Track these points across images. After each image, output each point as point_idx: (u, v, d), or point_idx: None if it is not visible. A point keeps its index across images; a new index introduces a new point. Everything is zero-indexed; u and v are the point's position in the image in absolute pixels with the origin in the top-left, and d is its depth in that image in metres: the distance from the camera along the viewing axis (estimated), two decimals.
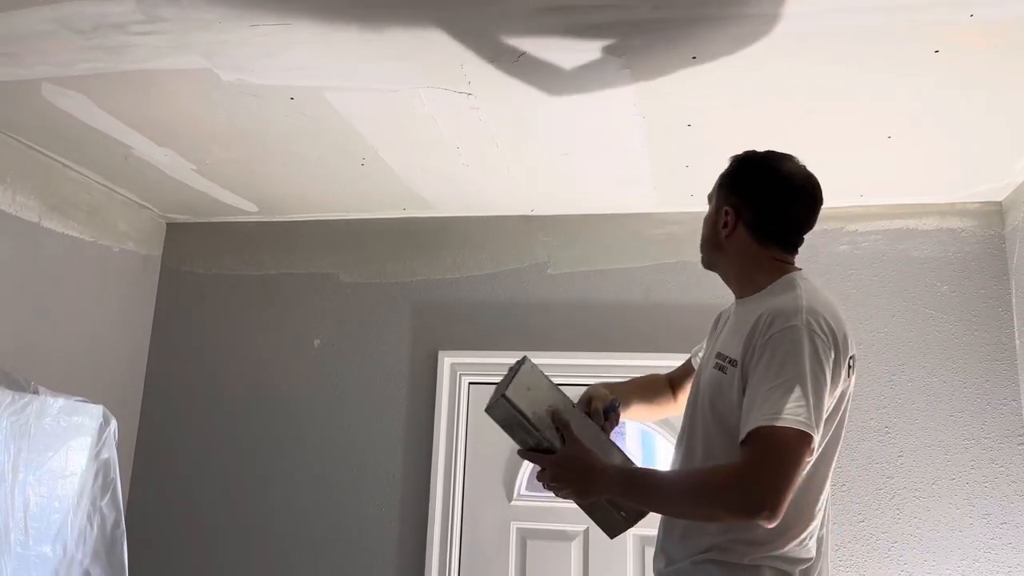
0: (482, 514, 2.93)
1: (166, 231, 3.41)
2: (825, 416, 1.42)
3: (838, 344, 1.45)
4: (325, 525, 3.00)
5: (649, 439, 3.22)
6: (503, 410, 1.56)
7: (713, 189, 1.70)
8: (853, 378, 1.53)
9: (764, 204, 1.58)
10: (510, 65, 1.97)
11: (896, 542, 2.62)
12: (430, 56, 1.95)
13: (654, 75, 2.00)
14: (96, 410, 2.00)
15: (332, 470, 3.04)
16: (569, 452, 1.55)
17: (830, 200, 2.77)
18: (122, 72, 2.10)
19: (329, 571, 2.96)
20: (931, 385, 2.70)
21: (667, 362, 2.85)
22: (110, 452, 1.99)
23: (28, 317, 2.68)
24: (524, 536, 2.89)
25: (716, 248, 1.64)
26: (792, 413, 1.34)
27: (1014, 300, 2.68)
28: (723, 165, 2.59)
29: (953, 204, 2.80)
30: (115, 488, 1.98)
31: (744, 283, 1.60)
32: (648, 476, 1.60)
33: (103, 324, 3.04)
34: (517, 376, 1.57)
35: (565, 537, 2.85)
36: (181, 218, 3.37)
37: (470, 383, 3.06)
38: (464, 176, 2.74)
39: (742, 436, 1.39)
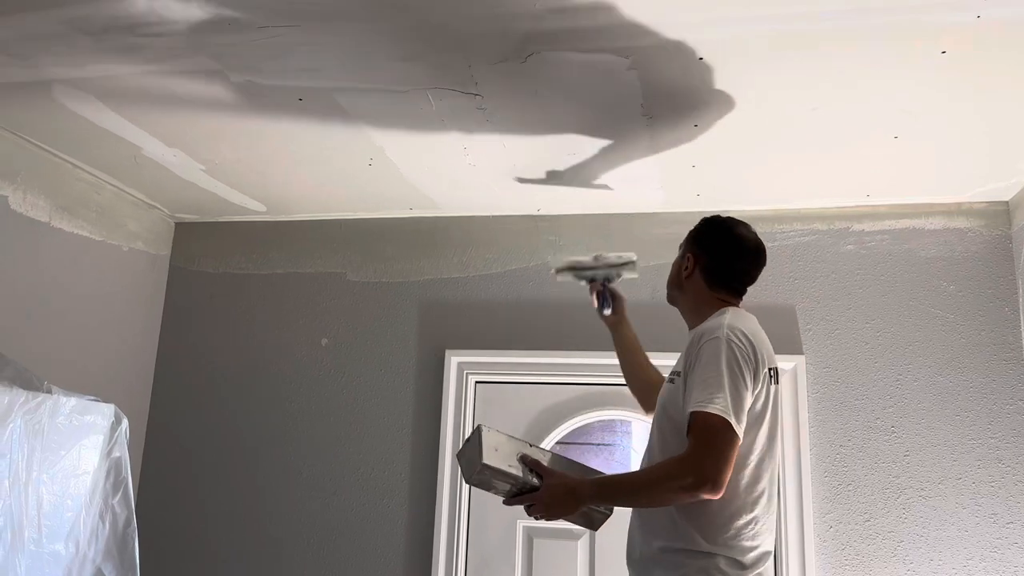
0: (488, 513, 2.94)
1: (175, 231, 3.43)
2: (747, 407, 1.71)
3: (757, 354, 1.76)
4: (332, 523, 3.02)
5: None
6: (487, 476, 1.80)
7: (684, 240, 2.05)
8: (776, 386, 1.85)
9: (717, 258, 1.95)
10: (518, 66, 1.98)
11: (902, 541, 2.62)
12: (438, 57, 1.97)
13: (660, 74, 2.01)
14: (108, 409, 2.02)
15: (339, 468, 3.06)
16: (550, 483, 1.80)
17: (836, 200, 2.83)
18: (132, 73, 2.12)
19: (336, 569, 2.98)
20: (937, 384, 2.70)
21: (672, 362, 2.88)
22: (122, 451, 2.01)
23: (38, 316, 2.70)
24: (531, 535, 2.91)
25: (677, 287, 2.02)
26: (713, 402, 1.66)
27: (1021, 300, 2.68)
28: (728, 165, 2.59)
29: (959, 204, 2.81)
30: (127, 486, 2.00)
31: (694, 316, 1.95)
32: (618, 478, 1.87)
33: (112, 323, 3.06)
34: (483, 444, 1.79)
35: (571, 536, 2.86)
36: (190, 218, 3.40)
37: (477, 382, 3.07)
38: (471, 176, 2.75)
39: (685, 422, 1.71)
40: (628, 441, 3.20)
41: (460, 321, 3.11)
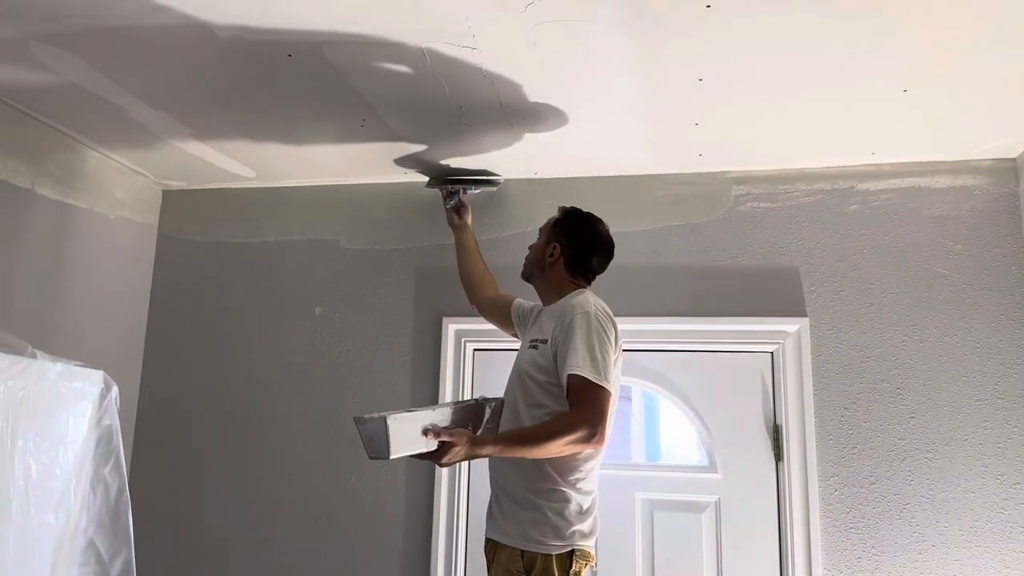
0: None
1: (162, 198, 3.35)
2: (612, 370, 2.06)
3: (616, 329, 2.14)
4: (328, 492, 2.97)
5: (652, 400, 3.21)
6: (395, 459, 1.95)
7: (544, 226, 2.40)
8: (620, 359, 2.17)
9: (579, 251, 2.31)
10: (517, 16, 1.90)
11: (908, 504, 2.59)
12: (434, 8, 1.88)
13: (661, 25, 1.93)
14: (96, 375, 1.95)
15: (335, 439, 3.00)
16: (452, 442, 1.98)
17: (839, 158, 2.77)
18: (112, 28, 2.02)
19: (334, 538, 2.94)
20: (944, 345, 2.66)
21: (671, 326, 2.84)
22: (112, 419, 1.94)
23: (25, 285, 2.63)
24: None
25: (540, 269, 2.35)
26: (591, 367, 2.00)
27: None
28: (734, 121, 2.50)
29: (967, 161, 2.75)
30: (118, 455, 1.94)
31: (552, 296, 2.30)
32: (517, 433, 2.09)
33: (101, 292, 2.99)
34: (390, 438, 1.88)
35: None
36: (177, 185, 3.31)
37: (475, 349, 3.02)
38: (467, 138, 2.67)
39: (563, 382, 2.04)
40: (628, 407, 3.17)
41: (457, 288, 3.03)
